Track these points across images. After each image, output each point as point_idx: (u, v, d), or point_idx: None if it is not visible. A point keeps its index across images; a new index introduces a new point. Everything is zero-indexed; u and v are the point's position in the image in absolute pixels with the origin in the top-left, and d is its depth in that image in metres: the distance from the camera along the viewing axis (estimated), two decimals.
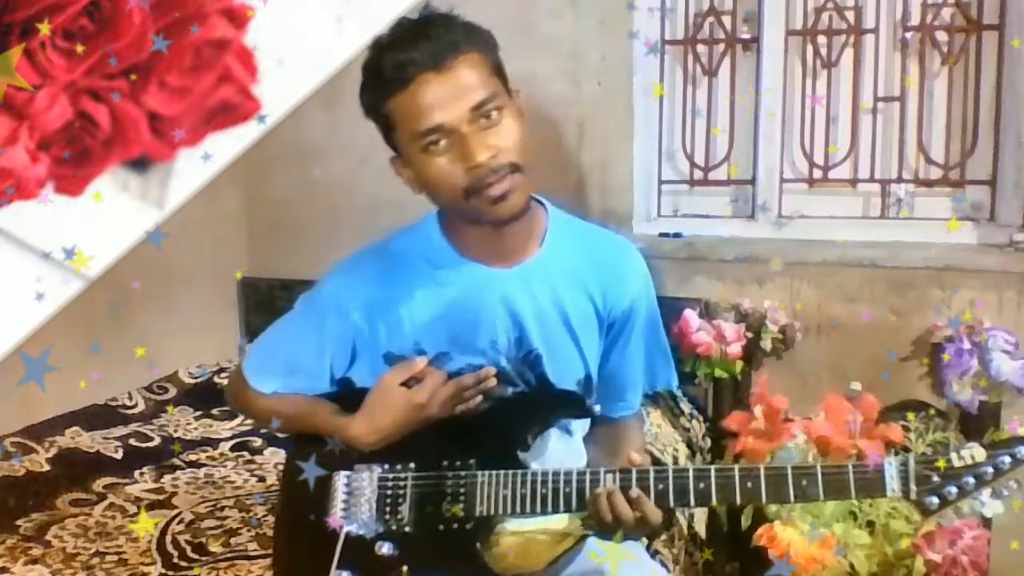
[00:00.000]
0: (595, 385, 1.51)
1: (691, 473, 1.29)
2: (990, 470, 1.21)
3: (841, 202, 2.88)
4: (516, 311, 1.42)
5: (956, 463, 1.22)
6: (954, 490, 1.21)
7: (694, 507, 2.02)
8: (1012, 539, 2.25)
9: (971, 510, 2.05)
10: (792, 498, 1.26)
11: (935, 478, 1.22)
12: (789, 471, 1.26)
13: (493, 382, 1.42)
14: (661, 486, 1.29)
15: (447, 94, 1.25)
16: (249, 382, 1.52)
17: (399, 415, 1.40)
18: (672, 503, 1.30)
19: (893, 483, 1.23)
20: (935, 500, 1.22)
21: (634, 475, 1.30)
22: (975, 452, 1.22)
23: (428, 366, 1.42)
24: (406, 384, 1.40)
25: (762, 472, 1.26)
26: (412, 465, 1.40)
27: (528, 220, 1.40)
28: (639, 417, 1.62)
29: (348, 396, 1.48)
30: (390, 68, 1.25)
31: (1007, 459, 1.21)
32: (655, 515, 1.29)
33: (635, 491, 1.28)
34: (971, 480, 1.21)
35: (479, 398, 1.42)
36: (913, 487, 1.22)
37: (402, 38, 1.24)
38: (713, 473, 1.28)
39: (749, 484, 1.26)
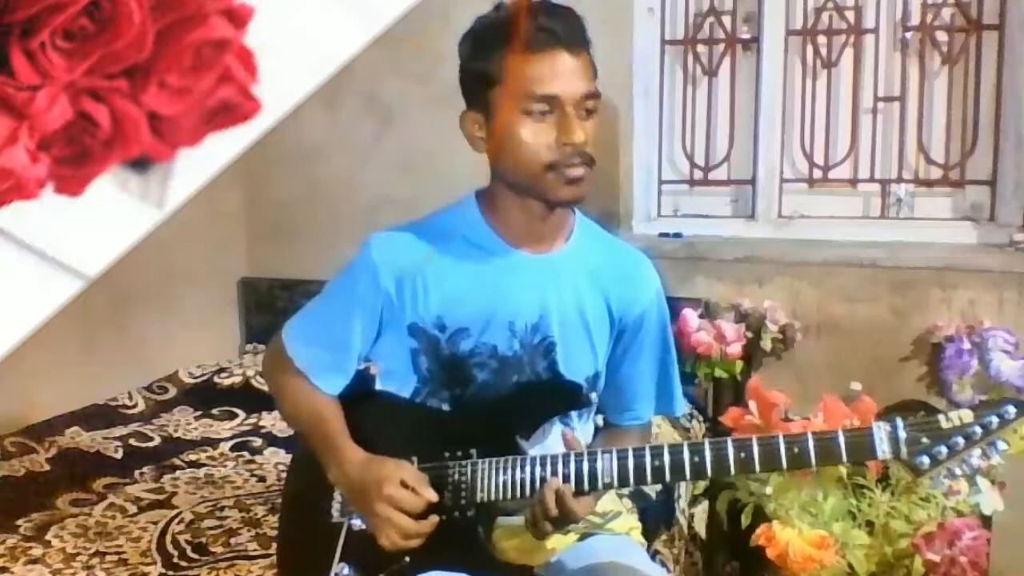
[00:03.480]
0: (602, 384, 1.53)
1: (686, 448, 1.31)
2: (978, 430, 1.22)
3: (841, 202, 2.88)
4: (539, 297, 1.45)
5: (945, 425, 1.24)
6: (944, 450, 1.22)
7: (690, 480, 2.02)
8: (1012, 539, 2.26)
9: (970, 506, 2.07)
10: (784, 464, 1.28)
11: (924, 439, 1.23)
12: (781, 439, 1.28)
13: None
14: (657, 463, 1.30)
15: (572, 74, 1.34)
16: (284, 342, 1.51)
17: (368, 503, 1.36)
18: (669, 479, 1.33)
19: (883, 446, 1.24)
20: (925, 460, 1.23)
21: (631, 454, 1.31)
22: (963, 414, 1.24)
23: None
24: (405, 484, 1.36)
25: (755, 442, 1.29)
26: (415, 458, 1.40)
27: (562, 214, 1.46)
28: (646, 428, 1.62)
29: (358, 402, 1.49)
30: (532, 29, 1.32)
31: (994, 419, 1.22)
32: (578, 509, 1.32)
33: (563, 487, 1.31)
34: (960, 440, 1.22)
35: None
36: (904, 448, 1.23)
37: (546, 11, 1.34)
38: (707, 446, 1.30)
39: (743, 454, 1.28)
